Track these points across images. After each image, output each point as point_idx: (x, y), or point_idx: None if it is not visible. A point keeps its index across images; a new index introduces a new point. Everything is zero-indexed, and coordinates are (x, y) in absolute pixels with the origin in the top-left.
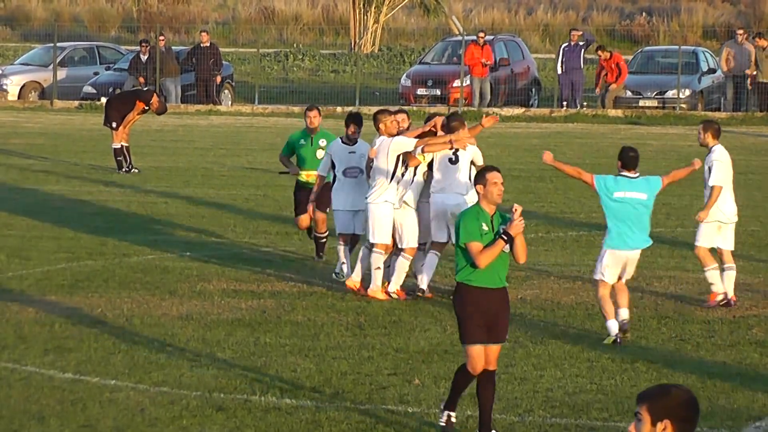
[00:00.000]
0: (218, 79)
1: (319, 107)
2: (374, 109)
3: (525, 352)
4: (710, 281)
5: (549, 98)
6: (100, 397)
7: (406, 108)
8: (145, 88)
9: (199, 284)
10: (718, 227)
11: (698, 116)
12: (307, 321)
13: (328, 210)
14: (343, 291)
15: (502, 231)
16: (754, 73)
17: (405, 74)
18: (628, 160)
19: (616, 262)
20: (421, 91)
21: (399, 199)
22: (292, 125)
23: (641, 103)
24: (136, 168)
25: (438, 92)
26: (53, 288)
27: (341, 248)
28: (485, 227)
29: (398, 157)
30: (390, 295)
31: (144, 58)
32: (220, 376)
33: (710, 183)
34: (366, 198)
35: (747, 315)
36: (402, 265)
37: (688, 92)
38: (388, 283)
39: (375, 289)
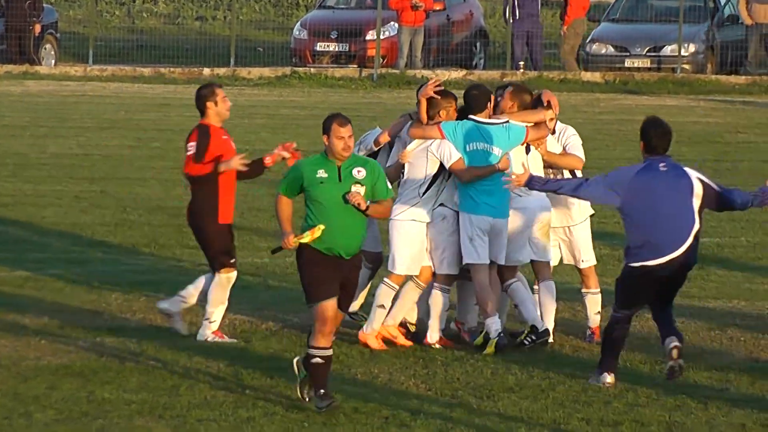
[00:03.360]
0: (37, 28)
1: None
2: (255, 72)
3: (467, 411)
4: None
5: (500, 56)
6: None
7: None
8: None
9: (10, 316)
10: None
11: (708, 82)
12: (162, 369)
13: None
14: None
15: None
16: None
17: (299, 23)
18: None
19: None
20: (321, 46)
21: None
22: (142, 93)
23: (628, 62)
24: None
25: (346, 47)
26: None
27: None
28: None
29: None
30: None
31: None
32: None
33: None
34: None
35: None
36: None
37: (693, 48)
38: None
39: (369, 332)
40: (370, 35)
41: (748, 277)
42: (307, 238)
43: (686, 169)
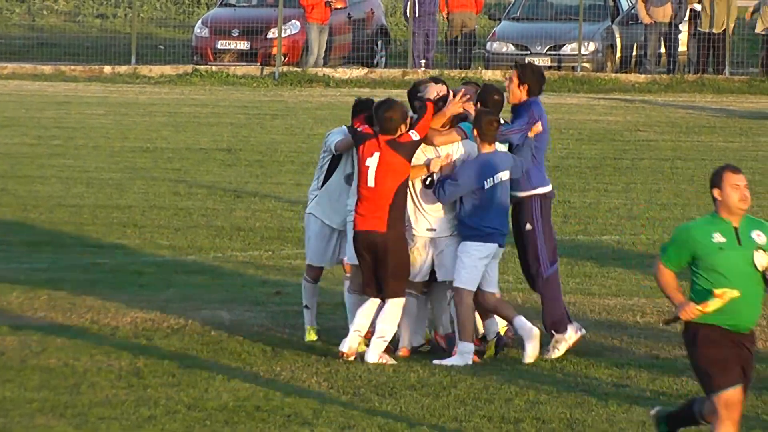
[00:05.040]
0: None
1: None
2: (156, 69)
3: (368, 409)
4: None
5: (401, 54)
6: None
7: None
8: None
9: None
10: None
11: (607, 80)
12: (64, 367)
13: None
14: (114, 326)
15: None
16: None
17: (200, 20)
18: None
19: None
20: (223, 44)
21: None
22: (42, 91)
23: (528, 61)
24: None
25: (248, 45)
26: None
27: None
28: None
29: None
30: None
31: None
32: None
33: None
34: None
35: (675, 356)
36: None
37: (593, 46)
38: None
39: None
40: (272, 33)
41: (648, 274)
42: (716, 304)
43: None
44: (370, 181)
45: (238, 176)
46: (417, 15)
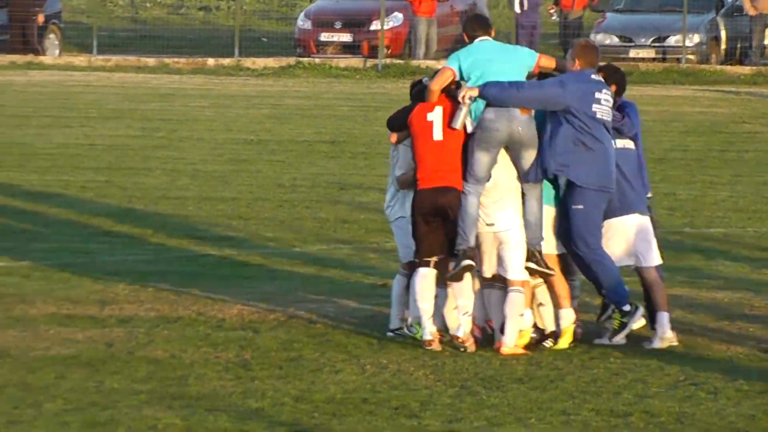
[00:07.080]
0: (40, 18)
1: None
2: (260, 62)
3: (476, 402)
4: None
5: None
6: None
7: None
8: None
9: (18, 307)
10: None
11: (712, 72)
12: (171, 359)
13: None
14: (221, 317)
15: None
16: None
17: (303, 13)
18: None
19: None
20: (325, 37)
21: None
22: (146, 83)
23: (632, 53)
24: None
25: (350, 38)
26: None
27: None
28: None
29: None
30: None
31: None
32: None
33: None
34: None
35: None
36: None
37: (697, 38)
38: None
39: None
40: (375, 25)
41: (756, 267)
42: None
43: None
44: (437, 135)
45: (342, 168)
46: (525, 7)
